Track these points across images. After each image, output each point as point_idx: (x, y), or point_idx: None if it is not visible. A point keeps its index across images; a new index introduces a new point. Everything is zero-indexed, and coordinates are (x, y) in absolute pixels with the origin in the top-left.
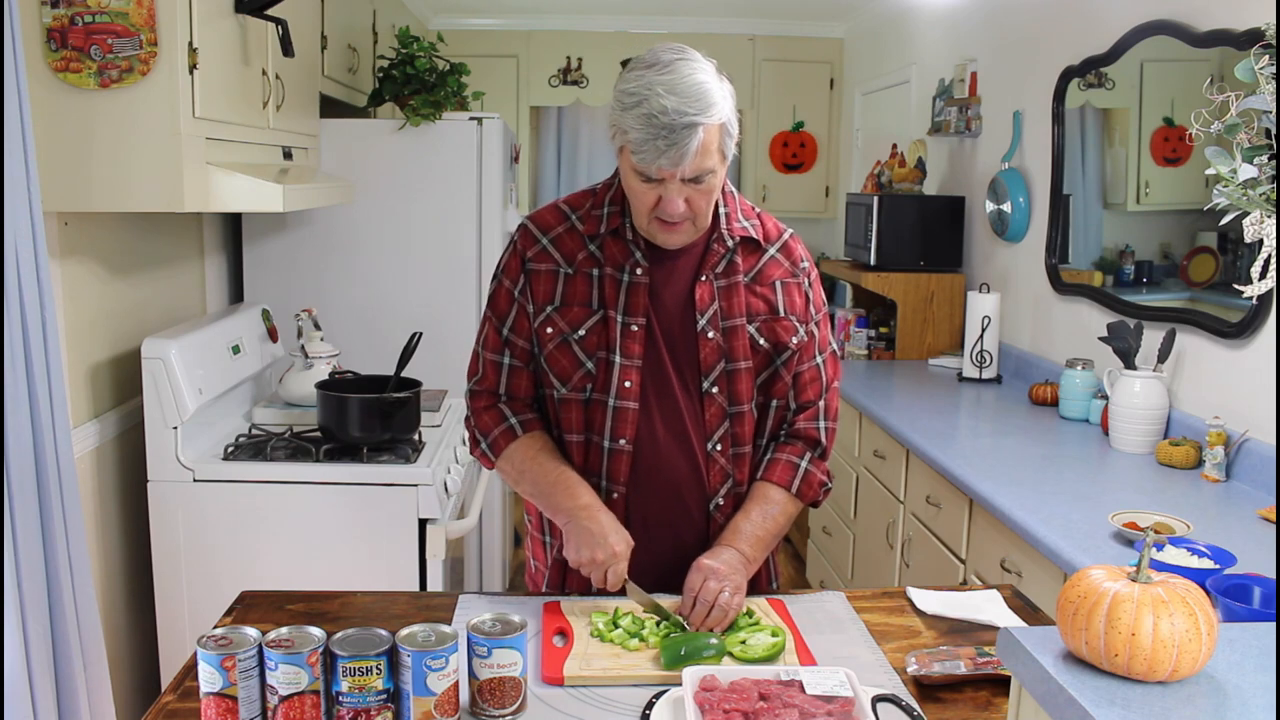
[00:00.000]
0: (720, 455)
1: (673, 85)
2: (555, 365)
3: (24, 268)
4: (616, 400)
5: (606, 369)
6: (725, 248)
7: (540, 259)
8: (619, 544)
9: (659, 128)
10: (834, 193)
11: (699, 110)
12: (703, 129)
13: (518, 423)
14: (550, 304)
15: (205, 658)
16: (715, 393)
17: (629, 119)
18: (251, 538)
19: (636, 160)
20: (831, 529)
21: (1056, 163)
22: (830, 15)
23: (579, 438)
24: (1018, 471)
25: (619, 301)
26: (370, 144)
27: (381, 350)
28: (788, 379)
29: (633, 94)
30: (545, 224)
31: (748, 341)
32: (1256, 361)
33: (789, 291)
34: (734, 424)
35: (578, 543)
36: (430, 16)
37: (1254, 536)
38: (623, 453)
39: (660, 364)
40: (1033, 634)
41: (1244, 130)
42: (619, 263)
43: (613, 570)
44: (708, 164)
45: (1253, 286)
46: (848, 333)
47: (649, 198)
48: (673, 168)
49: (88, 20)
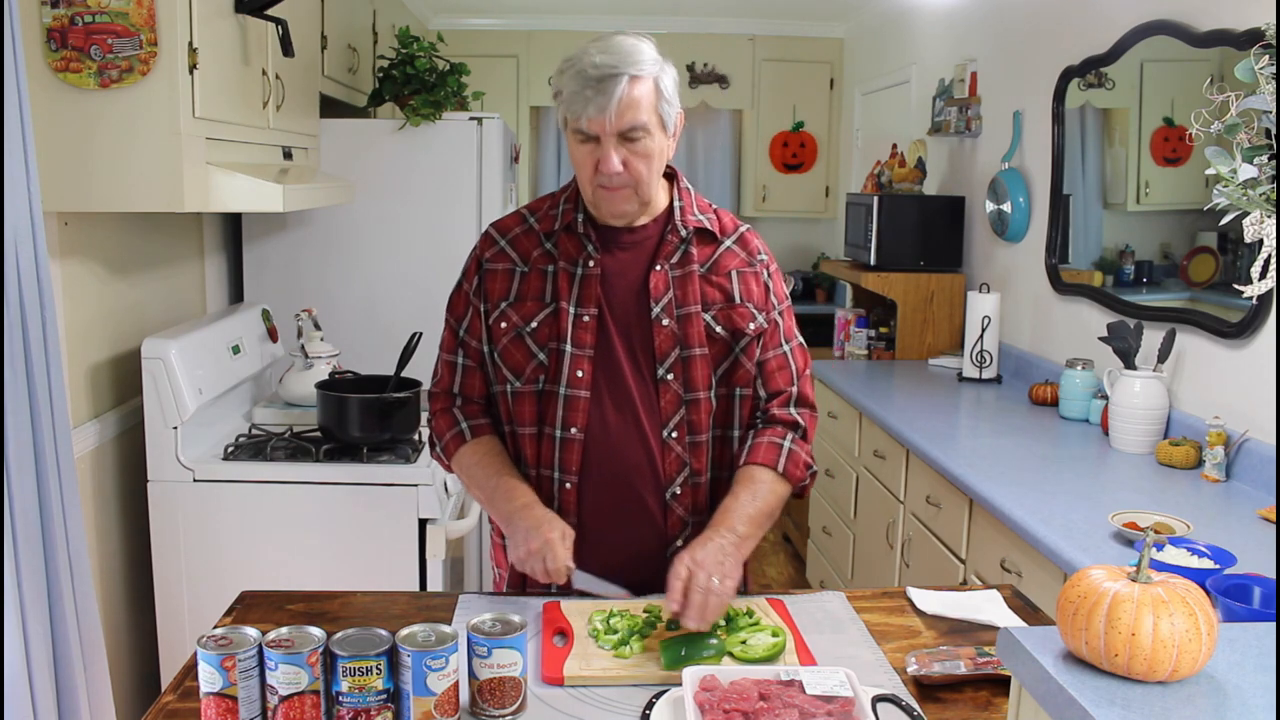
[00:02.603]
0: (676, 443)
1: (604, 47)
2: (509, 359)
3: (24, 268)
4: (568, 389)
5: (558, 359)
6: (679, 238)
7: (497, 259)
8: (552, 531)
9: (587, 79)
10: (834, 193)
11: (626, 64)
12: (628, 79)
13: (468, 427)
14: (505, 300)
15: (205, 658)
16: (670, 379)
17: (565, 80)
18: (251, 538)
19: (570, 115)
20: (831, 529)
21: (1056, 163)
22: (830, 15)
23: (531, 430)
24: (1018, 471)
25: (571, 293)
26: (370, 144)
27: (381, 350)
28: (749, 366)
29: (570, 59)
30: (505, 227)
31: (703, 329)
32: (1256, 361)
33: (745, 280)
34: (690, 411)
35: (515, 540)
36: (430, 16)
37: (1254, 536)
38: (574, 441)
39: (612, 353)
40: (1033, 634)
41: (1244, 130)
42: (572, 256)
43: (550, 557)
44: (640, 118)
45: (1253, 286)
46: (848, 333)
47: (589, 162)
48: (599, 114)
49: (88, 20)
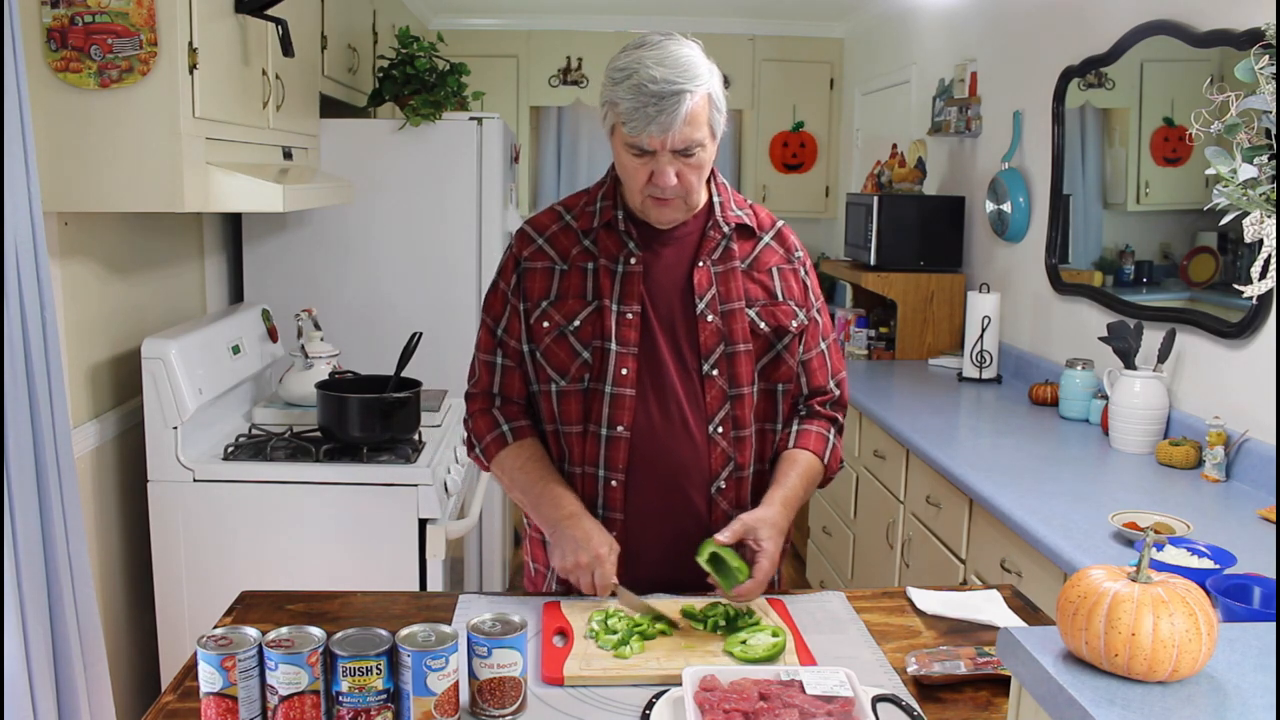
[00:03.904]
0: (721, 438)
1: (660, 59)
2: (553, 359)
3: (24, 268)
4: (613, 388)
5: (602, 358)
6: (721, 234)
7: (535, 258)
8: (601, 547)
9: (648, 96)
10: (834, 193)
11: (686, 79)
12: (689, 96)
13: (509, 429)
14: (545, 299)
15: (205, 658)
16: (715, 375)
17: (620, 92)
18: (251, 538)
19: (628, 131)
20: (831, 529)
21: (1056, 163)
22: (830, 15)
23: (577, 429)
24: (1018, 471)
25: (614, 291)
26: (370, 144)
27: (381, 350)
28: (792, 363)
29: (623, 69)
30: (541, 225)
31: (747, 325)
32: (1256, 361)
33: (785, 278)
34: (734, 406)
35: (562, 550)
36: (430, 16)
37: (1254, 536)
38: (621, 439)
39: (656, 351)
40: (1033, 634)
41: (1244, 130)
42: (613, 254)
43: (599, 573)
44: (697, 135)
45: (1253, 286)
46: (848, 333)
47: (641, 174)
48: (662, 134)
49: (88, 20)
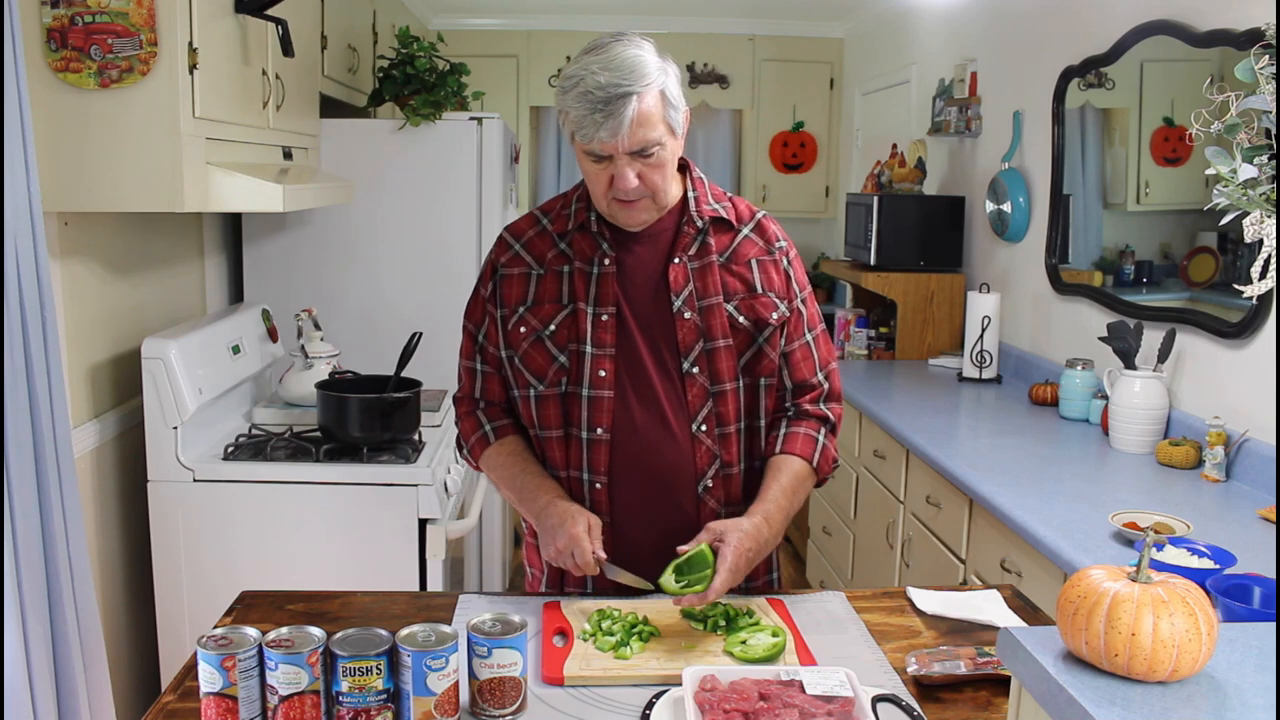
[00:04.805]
0: (705, 436)
1: (606, 62)
2: (530, 364)
3: (24, 268)
4: (591, 390)
5: (579, 360)
6: (696, 229)
7: (512, 264)
8: (576, 526)
9: (595, 102)
10: (834, 193)
11: (632, 81)
12: (636, 98)
13: (491, 429)
14: (522, 304)
15: (205, 658)
16: (696, 373)
17: (569, 100)
18: (251, 538)
19: (580, 138)
20: (831, 529)
21: (1056, 163)
22: (830, 15)
23: (558, 433)
24: (1018, 471)
25: (589, 293)
26: (370, 144)
27: (381, 350)
28: (773, 356)
29: (570, 76)
30: (518, 230)
31: (726, 320)
32: (1256, 361)
33: (765, 269)
34: (717, 403)
35: (545, 538)
36: (430, 16)
37: (1254, 536)
38: (601, 442)
39: (635, 351)
40: (1033, 634)
41: (1244, 130)
42: (587, 256)
43: (578, 550)
44: (652, 135)
45: (1253, 286)
46: (848, 333)
47: (603, 178)
48: (612, 138)
49: (88, 20)
